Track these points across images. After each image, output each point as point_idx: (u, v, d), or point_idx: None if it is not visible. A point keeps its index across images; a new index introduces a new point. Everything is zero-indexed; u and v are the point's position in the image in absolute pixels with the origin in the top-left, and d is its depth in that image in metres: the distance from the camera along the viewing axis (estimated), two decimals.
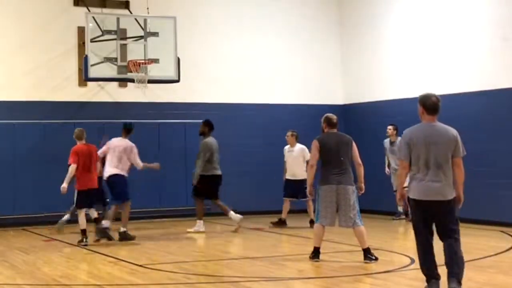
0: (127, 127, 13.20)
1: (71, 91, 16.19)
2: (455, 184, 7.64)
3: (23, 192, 15.19)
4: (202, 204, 14.38)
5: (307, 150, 14.94)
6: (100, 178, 12.89)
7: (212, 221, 16.21)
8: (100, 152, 12.93)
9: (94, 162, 12.56)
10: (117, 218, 13.12)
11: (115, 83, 16.41)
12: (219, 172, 14.33)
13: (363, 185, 10.28)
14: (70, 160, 12.41)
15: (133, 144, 13.07)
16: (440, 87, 15.30)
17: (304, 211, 15.39)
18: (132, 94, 16.35)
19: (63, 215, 14.45)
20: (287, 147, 15.15)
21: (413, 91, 16.12)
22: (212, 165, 14.24)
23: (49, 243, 12.92)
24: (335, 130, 10.33)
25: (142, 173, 15.71)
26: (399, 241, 12.79)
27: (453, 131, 7.64)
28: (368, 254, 10.02)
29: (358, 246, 10.25)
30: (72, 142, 14.48)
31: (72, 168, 12.35)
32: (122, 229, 12.87)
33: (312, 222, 14.84)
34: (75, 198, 12.69)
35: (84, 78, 15.34)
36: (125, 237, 12.84)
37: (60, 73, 16.12)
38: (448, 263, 7.59)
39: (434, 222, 7.64)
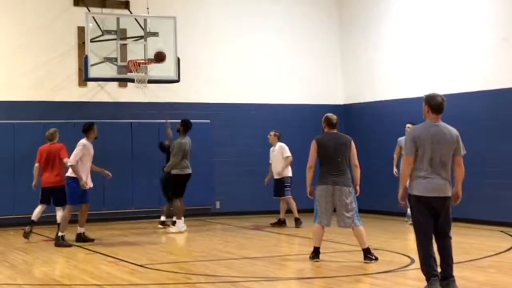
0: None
1: (71, 91, 16.19)
2: (455, 182, 7.78)
3: (23, 192, 15.17)
4: (183, 203, 14.38)
5: (285, 147, 15.01)
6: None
7: (212, 221, 16.22)
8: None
9: (53, 162, 12.91)
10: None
11: (115, 83, 16.41)
12: (190, 171, 14.39)
13: (358, 187, 10.23)
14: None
15: (80, 143, 12.54)
16: (441, 87, 15.28)
17: (303, 210, 15.39)
18: (132, 94, 16.35)
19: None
20: (271, 148, 15.25)
21: (414, 91, 16.16)
22: (186, 164, 14.30)
23: (49, 243, 12.91)
24: (334, 131, 10.32)
25: (141, 173, 15.76)
26: (399, 241, 12.77)
27: (455, 131, 7.80)
28: (368, 254, 10.02)
29: (358, 246, 10.25)
30: (71, 142, 14.46)
31: (34, 167, 13.04)
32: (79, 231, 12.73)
33: (297, 220, 14.92)
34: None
35: (84, 78, 15.34)
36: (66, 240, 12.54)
37: (60, 73, 16.11)
38: (448, 264, 7.68)
39: (435, 220, 7.69)
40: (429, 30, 16.15)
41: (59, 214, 12.90)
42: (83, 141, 12.60)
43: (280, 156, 15.02)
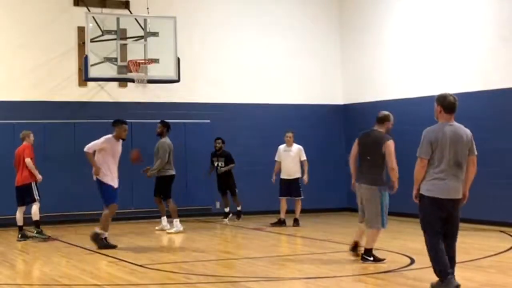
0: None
1: (71, 91, 16.19)
2: (464, 182, 7.74)
3: None
4: (174, 202, 14.43)
5: (303, 150, 15.05)
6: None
7: (212, 221, 16.22)
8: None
9: (21, 162, 13.31)
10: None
11: (115, 83, 16.41)
12: (174, 172, 14.54)
13: (394, 184, 9.83)
14: None
15: (104, 136, 12.24)
16: (441, 87, 15.28)
17: (304, 211, 15.39)
18: (132, 94, 16.35)
19: (61, 215, 14.66)
20: (282, 147, 15.22)
21: (414, 91, 16.16)
22: (170, 165, 14.43)
23: (49, 243, 12.91)
24: (379, 129, 10.08)
25: (140, 174, 15.71)
26: (399, 241, 12.77)
27: (468, 131, 7.79)
28: (364, 255, 9.97)
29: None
30: (71, 142, 14.55)
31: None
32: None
33: (296, 221, 14.93)
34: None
35: (84, 78, 15.34)
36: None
37: (60, 73, 16.11)
38: (451, 265, 7.64)
39: (445, 221, 7.64)
40: (429, 30, 16.14)
41: (33, 209, 13.30)
42: (108, 135, 12.24)
43: (297, 158, 15.04)
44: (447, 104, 7.71)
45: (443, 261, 7.54)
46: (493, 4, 14.86)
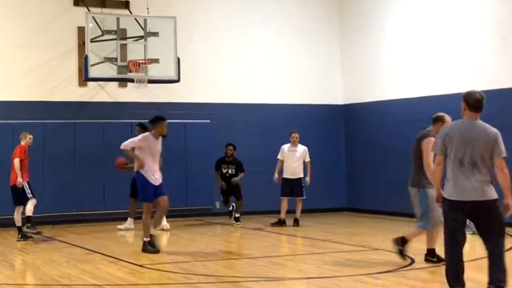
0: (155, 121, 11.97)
1: (71, 91, 16.19)
2: (502, 189, 7.35)
3: None
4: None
5: (308, 151, 15.08)
6: None
7: (212, 221, 16.22)
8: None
9: (12, 163, 13.38)
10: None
11: (115, 83, 16.41)
12: None
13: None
14: None
15: (142, 134, 12.06)
16: (440, 87, 15.32)
17: (304, 211, 15.38)
18: (132, 94, 16.34)
19: (61, 215, 14.66)
20: (286, 146, 15.20)
21: (414, 91, 16.17)
22: None
23: (49, 243, 12.92)
24: (432, 129, 9.56)
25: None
26: None
27: (493, 130, 7.36)
28: (399, 242, 9.62)
29: (358, 246, 10.24)
30: (70, 142, 14.47)
31: None
32: None
33: (296, 221, 14.94)
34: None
35: (84, 78, 15.34)
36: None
37: (60, 73, 16.11)
38: (492, 272, 7.24)
39: (475, 224, 7.32)
40: (429, 30, 16.14)
41: (26, 207, 13.36)
42: (146, 133, 11.87)
43: (302, 158, 15.07)
44: (472, 101, 7.30)
45: (454, 272, 7.20)
46: (493, 4, 14.86)
